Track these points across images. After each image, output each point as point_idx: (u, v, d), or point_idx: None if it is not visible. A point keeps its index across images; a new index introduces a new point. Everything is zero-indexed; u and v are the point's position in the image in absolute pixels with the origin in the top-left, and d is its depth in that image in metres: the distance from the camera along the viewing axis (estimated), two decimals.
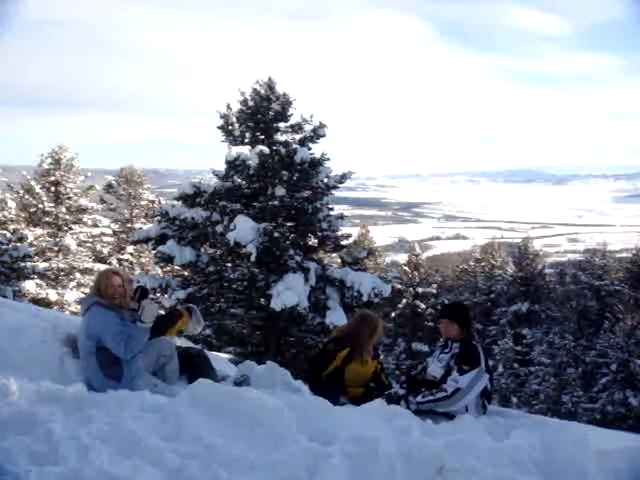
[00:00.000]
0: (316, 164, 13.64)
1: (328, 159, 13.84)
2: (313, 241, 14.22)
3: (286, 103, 13.99)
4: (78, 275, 20.41)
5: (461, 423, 3.84)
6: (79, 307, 19.34)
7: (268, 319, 13.13)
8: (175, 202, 14.01)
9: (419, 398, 4.22)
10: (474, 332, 4.51)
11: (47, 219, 20.71)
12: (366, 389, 4.92)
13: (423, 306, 26.50)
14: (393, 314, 25.87)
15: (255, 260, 12.31)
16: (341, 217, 14.14)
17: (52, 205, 20.63)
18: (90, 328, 4.12)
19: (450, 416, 4.16)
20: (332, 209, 14.21)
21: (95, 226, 22.05)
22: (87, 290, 20.52)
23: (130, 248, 24.47)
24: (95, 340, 4.08)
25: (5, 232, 17.56)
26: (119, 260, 23.74)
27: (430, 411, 4.17)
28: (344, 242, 14.36)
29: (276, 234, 12.41)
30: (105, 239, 23.30)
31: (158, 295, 14.49)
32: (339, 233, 14.03)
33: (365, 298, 12.69)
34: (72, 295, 19.63)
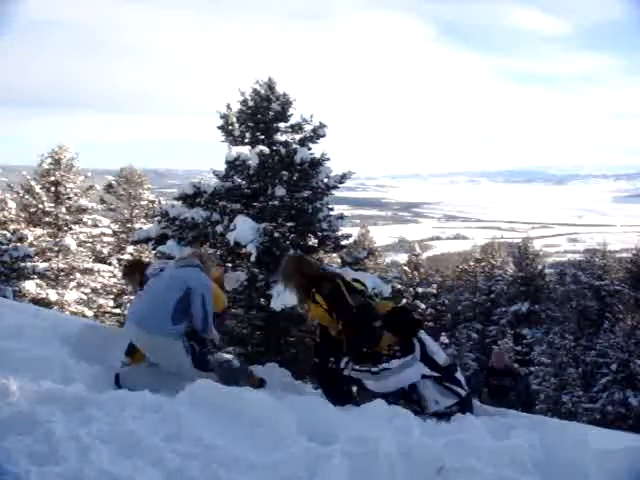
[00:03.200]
0: (316, 164, 13.64)
1: (328, 159, 13.84)
2: (313, 241, 14.21)
3: (286, 103, 14.00)
4: (78, 275, 20.41)
5: (461, 423, 3.84)
6: (79, 307, 19.37)
7: (268, 319, 13.13)
8: (175, 202, 14.01)
9: (357, 366, 4.32)
10: (419, 328, 4.50)
11: (47, 219, 20.70)
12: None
13: (423, 306, 26.51)
14: None
15: (255, 260, 12.31)
16: (341, 217, 14.13)
17: (52, 205, 20.63)
18: (191, 279, 4.30)
19: (442, 415, 4.22)
20: (332, 209, 14.20)
21: (95, 226, 22.04)
22: (87, 290, 20.53)
23: (130, 248, 24.45)
24: (186, 290, 4.25)
25: (5, 232, 17.56)
26: (119, 260, 23.74)
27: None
28: (344, 242, 14.34)
29: (276, 234, 12.41)
30: (105, 239, 23.29)
31: None
32: (339, 233, 14.01)
33: None
34: (72, 295, 19.63)
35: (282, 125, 14.15)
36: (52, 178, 20.80)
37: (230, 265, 13.56)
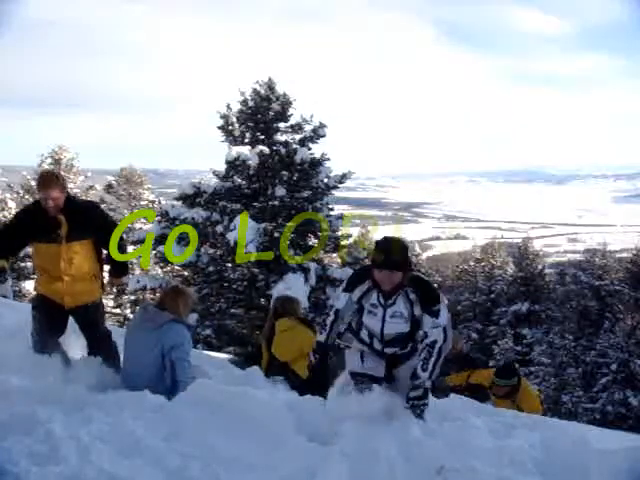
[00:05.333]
0: (316, 164, 13.66)
1: (328, 159, 13.87)
2: (313, 241, 14.22)
3: (286, 103, 14.01)
4: None
5: (461, 423, 3.84)
6: None
7: None
8: (175, 202, 14.03)
9: (424, 373, 3.45)
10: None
11: None
12: None
13: None
14: None
15: (255, 260, 12.32)
16: (341, 217, 14.15)
17: None
18: (166, 346, 4.00)
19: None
20: (332, 209, 14.21)
21: None
22: None
23: (130, 248, 24.42)
24: (169, 356, 4.02)
25: None
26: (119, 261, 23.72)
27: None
28: (344, 242, 14.36)
29: (276, 234, 12.42)
30: None
31: (158, 295, 14.49)
32: (339, 233, 14.03)
33: None
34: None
35: (282, 125, 14.17)
36: None
37: (230, 265, 13.59)
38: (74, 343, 4.82)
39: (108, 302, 21.30)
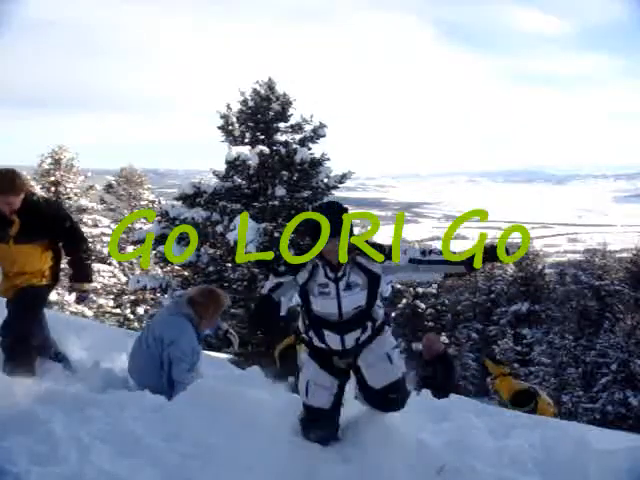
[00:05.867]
0: (316, 164, 13.67)
1: (328, 159, 13.88)
2: None
3: (286, 103, 14.02)
4: None
5: (461, 423, 3.84)
6: (79, 307, 19.34)
7: None
8: (175, 202, 14.03)
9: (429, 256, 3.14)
10: None
11: None
12: None
13: (423, 306, 26.51)
14: (393, 314, 25.88)
15: (255, 260, 12.32)
16: None
17: None
18: (166, 339, 3.98)
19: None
20: None
21: (95, 226, 22.06)
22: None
23: (130, 248, 24.44)
24: (167, 351, 3.98)
25: None
26: (119, 260, 23.73)
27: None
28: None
29: (276, 234, 12.43)
30: (105, 239, 23.30)
31: (158, 295, 14.50)
32: None
33: None
34: (72, 295, 19.60)
35: (282, 125, 14.18)
36: (52, 178, 20.82)
37: (230, 265, 13.59)
38: (73, 344, 4.83)
39: (108, 302, 21.31)
